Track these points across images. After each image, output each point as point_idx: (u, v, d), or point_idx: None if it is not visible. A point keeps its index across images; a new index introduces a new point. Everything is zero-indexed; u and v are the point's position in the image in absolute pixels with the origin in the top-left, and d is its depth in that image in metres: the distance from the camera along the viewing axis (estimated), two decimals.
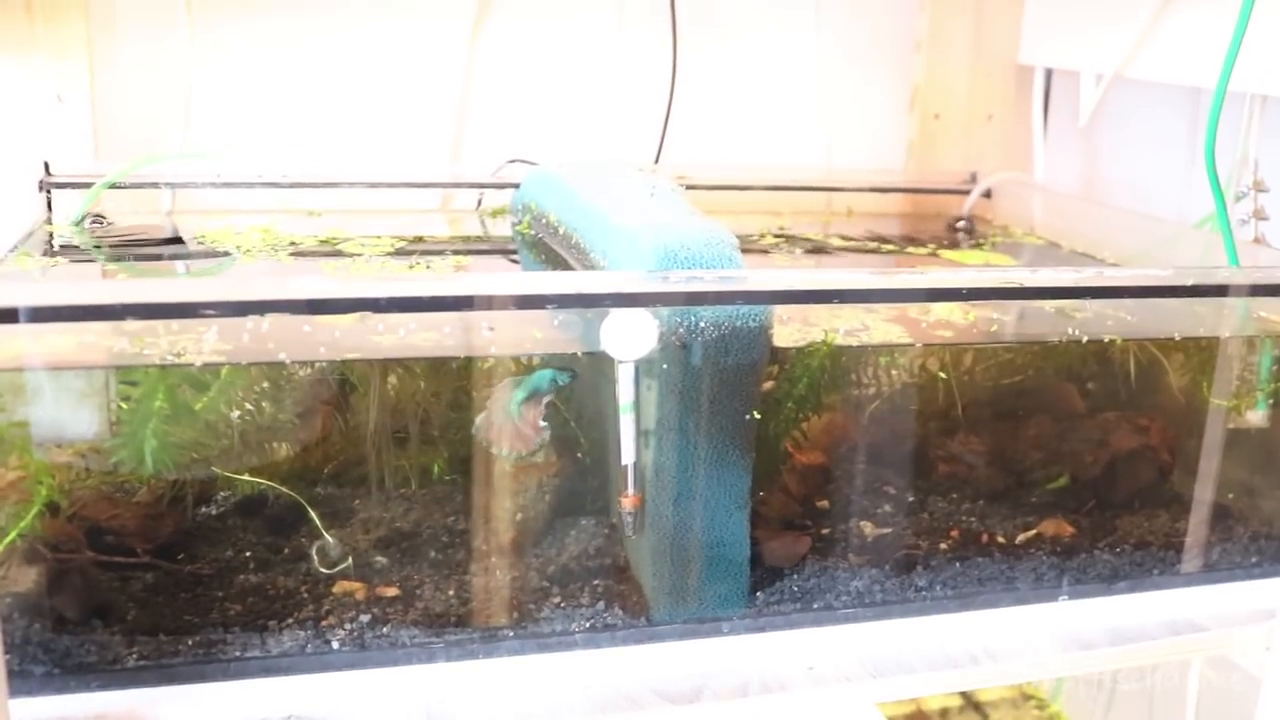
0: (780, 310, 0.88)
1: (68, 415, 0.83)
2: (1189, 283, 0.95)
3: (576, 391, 0.91)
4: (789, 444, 0.95)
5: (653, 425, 0.85)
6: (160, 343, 0.79)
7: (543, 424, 0.88)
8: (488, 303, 0.80)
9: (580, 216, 1.03)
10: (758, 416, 0.87)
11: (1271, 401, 1.01)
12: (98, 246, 1.11)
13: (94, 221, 1.17)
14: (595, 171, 1.13)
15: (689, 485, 0.87)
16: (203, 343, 0.80)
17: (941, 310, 0.96)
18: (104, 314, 0.74)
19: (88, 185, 1.15)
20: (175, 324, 0.79)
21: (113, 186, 1.16)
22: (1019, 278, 0.90)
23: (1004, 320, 0.97)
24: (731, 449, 0.87)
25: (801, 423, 0.95)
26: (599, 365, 0.88)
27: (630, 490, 0.86)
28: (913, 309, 0.96)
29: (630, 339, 0.83)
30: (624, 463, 0.86)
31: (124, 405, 0.84)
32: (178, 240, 1.14)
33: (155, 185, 1.20)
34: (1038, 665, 0.94)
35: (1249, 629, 0.99)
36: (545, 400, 0.87)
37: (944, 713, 1.45)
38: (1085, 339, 0.96)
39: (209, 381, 0.85)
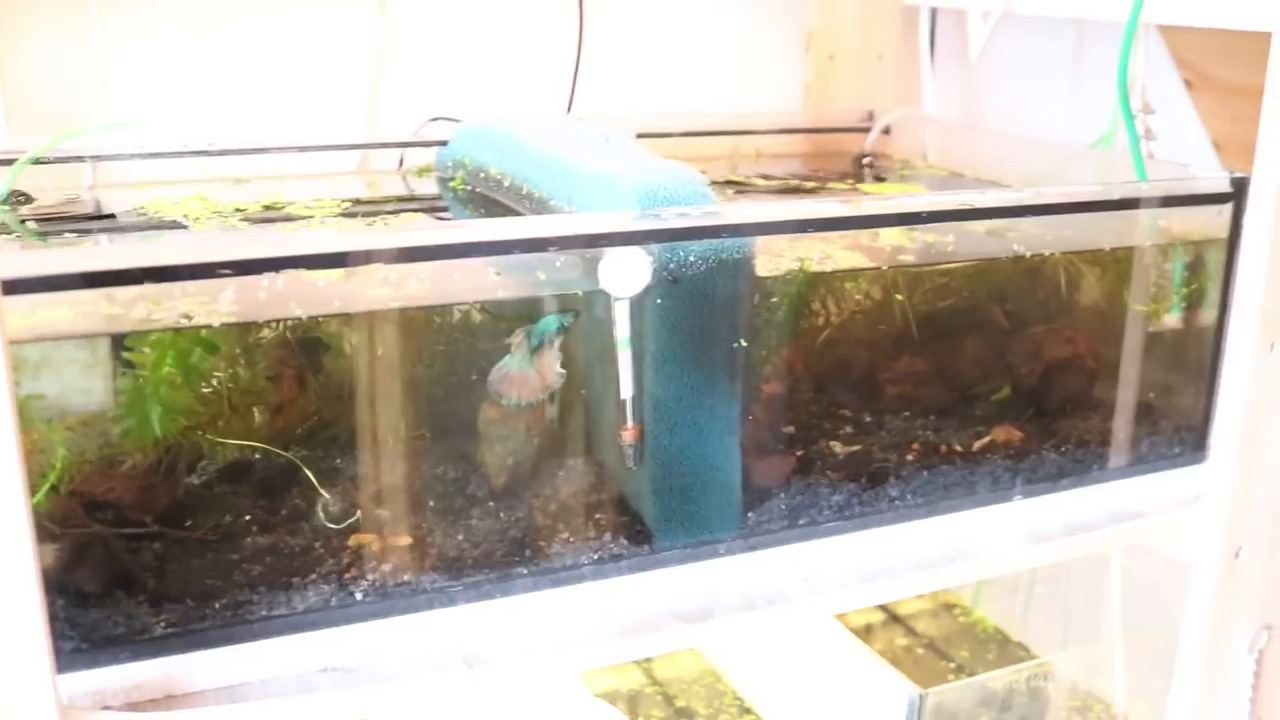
0: None
1: (71, 387, 0.82)
2: (1116, 196, 1.03)
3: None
4: (771, 370, 1.00)
5: (649, 358, 0.89)
6: (162, 308, 0.79)
7: (559, 369, 0.90)
8: (506, 247, 0.82)
9: (534, 167, 1.05)
10: (744, 344, 0.91)
11: (1185, 305, 1.10)
12: (24, 223, 1.08)
13: (16, 200, 1.14)
14: (541, 124, 1.15)
15: (684, 414, 0.91)
16: (213, 304, 0.80)
17: (891, 236, 1.01)
18: (121, 279, 0.74)
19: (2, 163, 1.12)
20: (181, 287, 0.79)
21: (35, 162, 1.13)
22: (971, 199, 0.97)
23: (945, 243, 1.03)
24: (722, 377, 0.91)
25: (782, 349, 0.99)
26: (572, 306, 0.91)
27: (630, 423, 0.90)
28: (864, 237, 1.02)
29: (627, 276, 0.86)
30: (623, 396, 0.89)
31: (129, 373, 0.83)
32: (110, 216, 1.12)
33: (80, 159, 1.16)
34: (1004, 560, 1.02)
35: (1181, 512, 1.09)
36: (556, 344, 0.89)
37: (868, 628, 1.52)
38: (1028, 254, 1.03)
39: (217, 344, 0.85)
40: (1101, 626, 1.38)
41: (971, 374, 1.11)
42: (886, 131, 1.45)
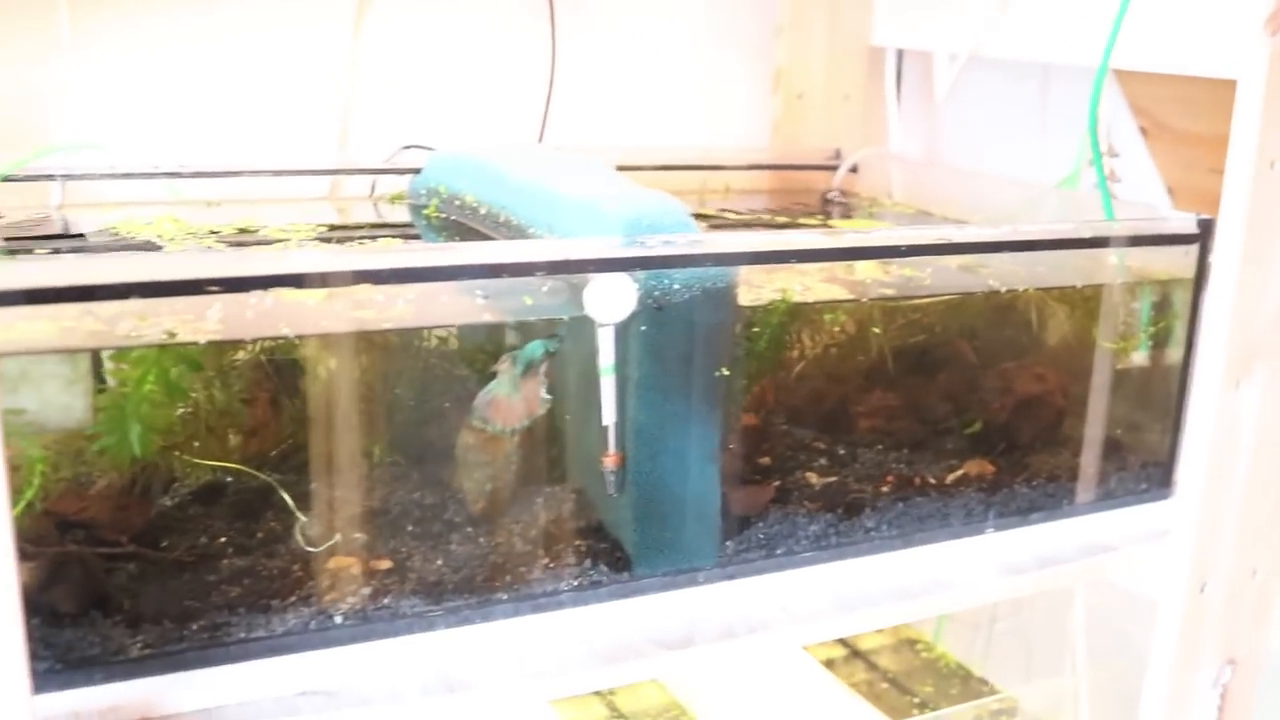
0: None
1: (50, 403, 0.81)
2: (1089, 234, 1.05)
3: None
4: (749, 400, 1.00)
5: (630, 385, 0.89)
6: (147, 324, 0.78)
7: (545, 395, 0.90)
8: (493, 271, 0.82)
9: (512, 194, 1.05)
10: (727, 373, 0.91)
11: (1152, 343, 1.12)
12: None
13: None
14: (518, 152, 1.15)
15: (666, 442, 0.91)
16: (197, 323, 0.79)
17: (867, 270, 1.03)
18: (108, 293, 0.74)
19: None
20: (168, 304, 0.78)
21: (6, 179, 1.12)
22: (948, 234, 0.98)
23: (920, 278, 1.04)
24: (703, 405, 0.92)
25: (762, 378, 1.00)
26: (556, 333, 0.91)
27: (612, 449, 0.90)
28: (840, 270, 1.03)
29: (612, 302, 0.87)
30: (605, 423, 0.89)
31: (109, 390, 0.82)
32: (79, 235, 1.11)
33: (49, 178, 1.15)
34: (977, 591, 1.03)
35: (1148, 546, 1.10)
36: (541, 370, 0.89)
37: (830, 663, 1.52)
38: (1001, 290, 1.05)
39: (200, 363, 0.84)
40: (1064, 662, 1.39)
41: (944, 408, 1.13)
42: (854, 170, 1.47)
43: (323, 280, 0.79)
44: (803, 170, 1.49)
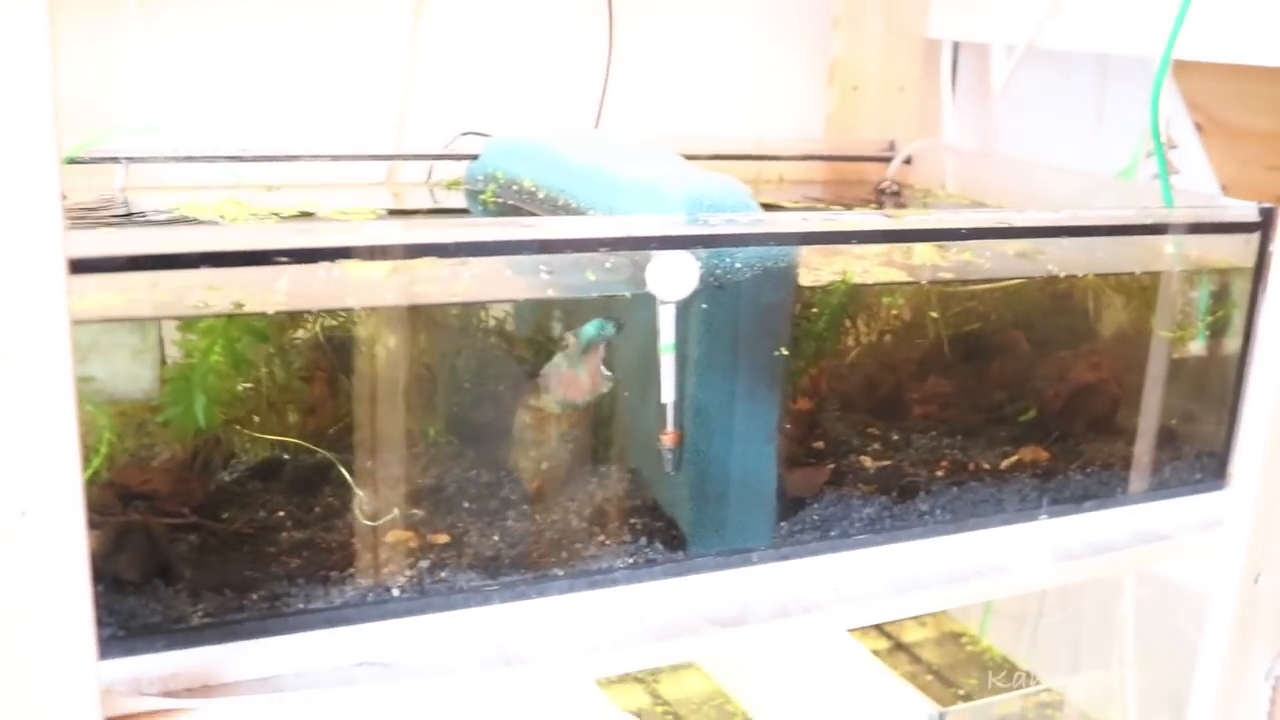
0: None
1: (118, 372, 0.82)
2: (1150, 220, 1.04)
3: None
4: (805, 381, 1.01)
5: (690, 364, 0.90)
6: (217, 294, 0.79)
7: (605, 371, 0.91)
8: (557, 246, 0.83)
9: (572, 178, 1.06)
10: (785, 353, 0.92)
11: (1209, 332, 1.12)
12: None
13: None
14: (576, 137, 1.16)
15: (724, 421, 0.91)
16: (264, 296, 0.80)
17: (926, 254, 1.03)
18: (181, 262, 0.75)
19: None
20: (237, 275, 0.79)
21: (71, 161, 1.14)
22: (1008, 218, 0.98)
23: (978, 263, 1.04)
24: (761, 385, 0.92)
25: (820, 360, 1.00)
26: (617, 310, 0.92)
27: (670, 428, 0.90)
28: (898, 254, 1.03)
29: (674, 280, 0.87)
30: (664, 400, 0.90)
31: (178, 361, 0.83)
32: (141, 216, 1.12)
33: (114, 160, 1.17)
34: (1030, 577, 1.02)
35: (1202, 536, 1.09)
36: (602, 348, 0.90)
37: (872, 655, 1.52)
38: (1060, 276, 1.05)
39: (267, 334, 0.85)
40: (1111, 655, 1.38)
41: (999, 394, 1.13)
42: (908, 161, 1.47)
43: (388, 253, 0.80)
44: (857, 161, 1.49)
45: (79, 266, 0.69)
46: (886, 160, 1.48)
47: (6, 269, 0.61)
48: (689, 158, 1.10)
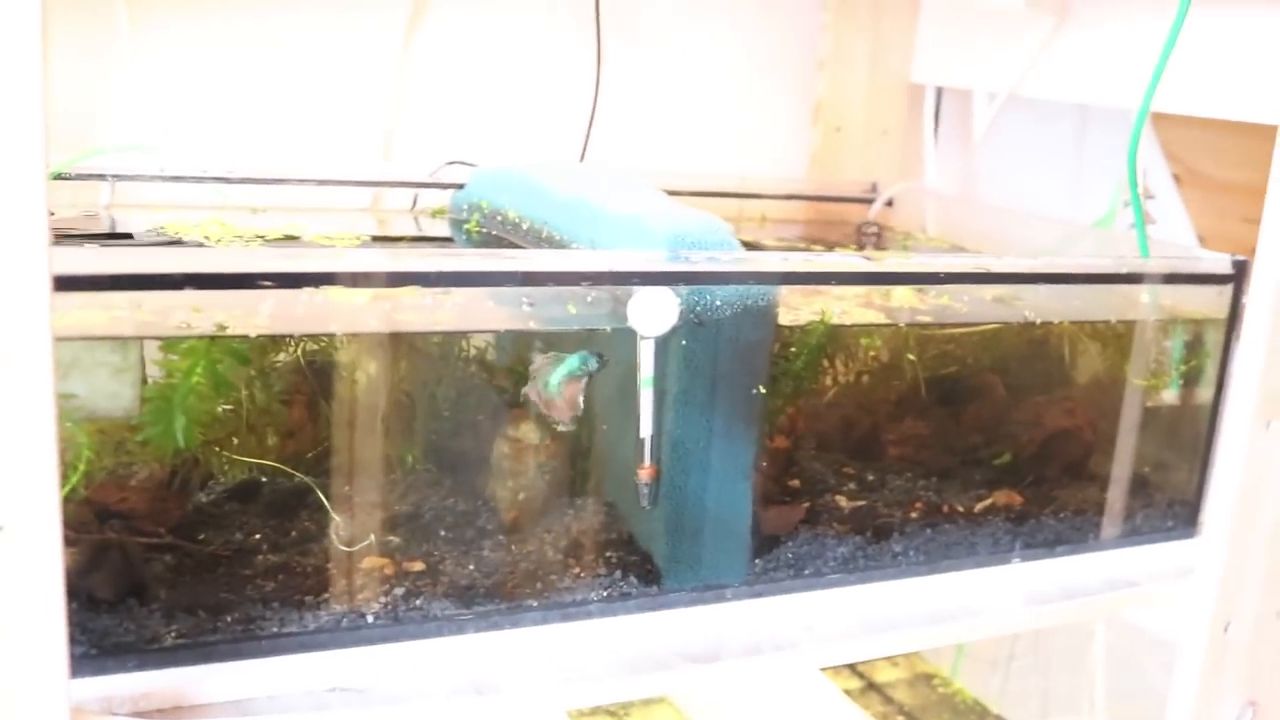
0: None
1: (98, 390, 0.82)
2: (1125, 270, 1.05)
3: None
4: (783, 420, 1.01)
5: (669, 399, 0.90)
6: (200, 316, 0.80)
7: (580, 403, 0.91)
8: (540, 279, 0.84)
9: (556, 210, 1.06)
10: (763, 391, 0.92)
11: (1183, 381, 1.13)
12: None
13: None
14: (561, 169, 1.16)
15: (701, 456, 0.92)
16: (246, 319, 0.81)
17: (904, 297, 1.03)
18: (165, 283, 0.75)
19: None
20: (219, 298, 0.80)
21: (58, 177, 1.14)
22: (987, 264, 0.99)
23: (955, 308, 1.05)
24: (739, 422, 0.92)
25: (797, 399, 1.01)
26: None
27: (648, 462, 0.91)
28: (877, 296, 1.04)
29: (655, 315, 0.88)
30: (642, 435, 0.90)
31: (159, 381, 0.83)
32: (127, 235, 1.13)
33: (101, 177, 1.17)
34: (1002, 620, 1.03)
35: (1173, 583, 1.10)
36: (582, 381, 0.90)
37: (844, 695, 1.52)
38: (1036, 321, 1.06)
39: (248, 356, 0.85)
40: (1081, 700, 1.39)
41: (974, 437, 1.13)
42: (889, 204, 1.48)
43: (372, 280, 0.80)
44: (839, 202, 1.50)
45: (63, 284, 0.69)
46: (868, 202, 1.49)
47: None
48: (672, 193, 1.12)
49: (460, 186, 1.27)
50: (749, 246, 1.29)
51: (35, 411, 0.64)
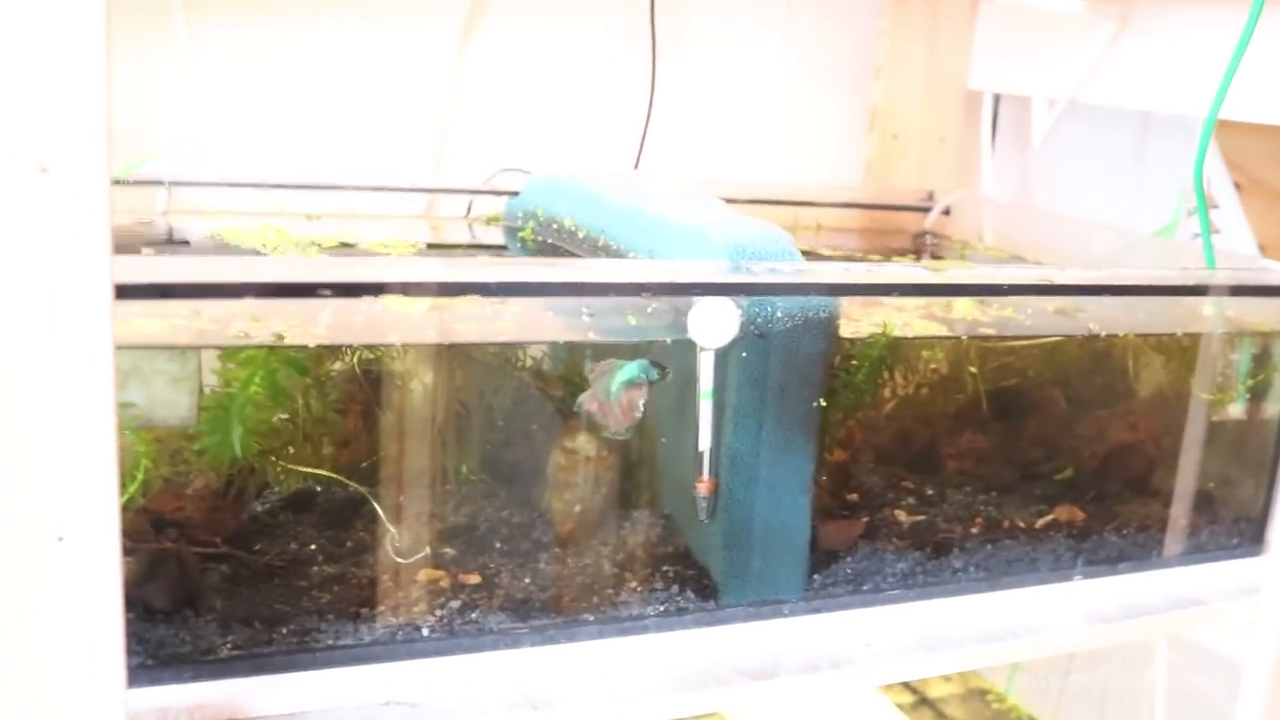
0: None
1: (157, 399, 0.82)
2: (1192, 282, 1.03)
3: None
4: (842, 433, 1.00)
5: (728, 412, 0.89)
6: (260, 325, 0.79)
7: (638, 413, 0.89)
8: (601, 289, 0.83)
9: (613, 219, 1.05)
10: (823, 404, 0.91)
11: (1249, 395, 1.11)
12: None
13: None
14: (619, 178, 1.16)
15: (761, 470, 0.91)
16: (303, 329, 0.80)
17: (965, 309, 1.02)
18: (224, 292, 0.75)
19: None
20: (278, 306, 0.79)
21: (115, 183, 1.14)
22: (1050, 275, 0.98)
23: (1018, 320, 1.04)
24: (798, 435, 0.91)
25: (858, 412, 1.00)
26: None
27: (706, 475, 0.89)
28: (938, 308, 1.02)
29: (716, 327, 0.87)
30: (701, 448, 0.89)
31: (216, 390, 0.83)
32: (184, 241, 1.13)
33: (158, 183, 1.17)
34: (1063, 638, 1.01)
35: (1237, 602, 1.08)
36: (643, 389, 0.89)
37: (898, 709, 1.50)
38: (1099, 334, 1.04)
39: (307, 366, 0.85)
40: None
41: (1035, 451, 1.12)
42: (946, 212, 1.47)
43: (431, 290, 0.79)
44: (895, 210, 1.49)
45: (124, 292, 0.69)
46: (925, 210, 1.47)
47: (53, 292, 0.61)
48: (728, 202, 1.11)
49: (515, 194, 1.27)
50: (806, 256, 1.29)
51: (95, 421, 0.64)
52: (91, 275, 0.62)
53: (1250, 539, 1.12)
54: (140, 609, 0.80)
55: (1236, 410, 1.11)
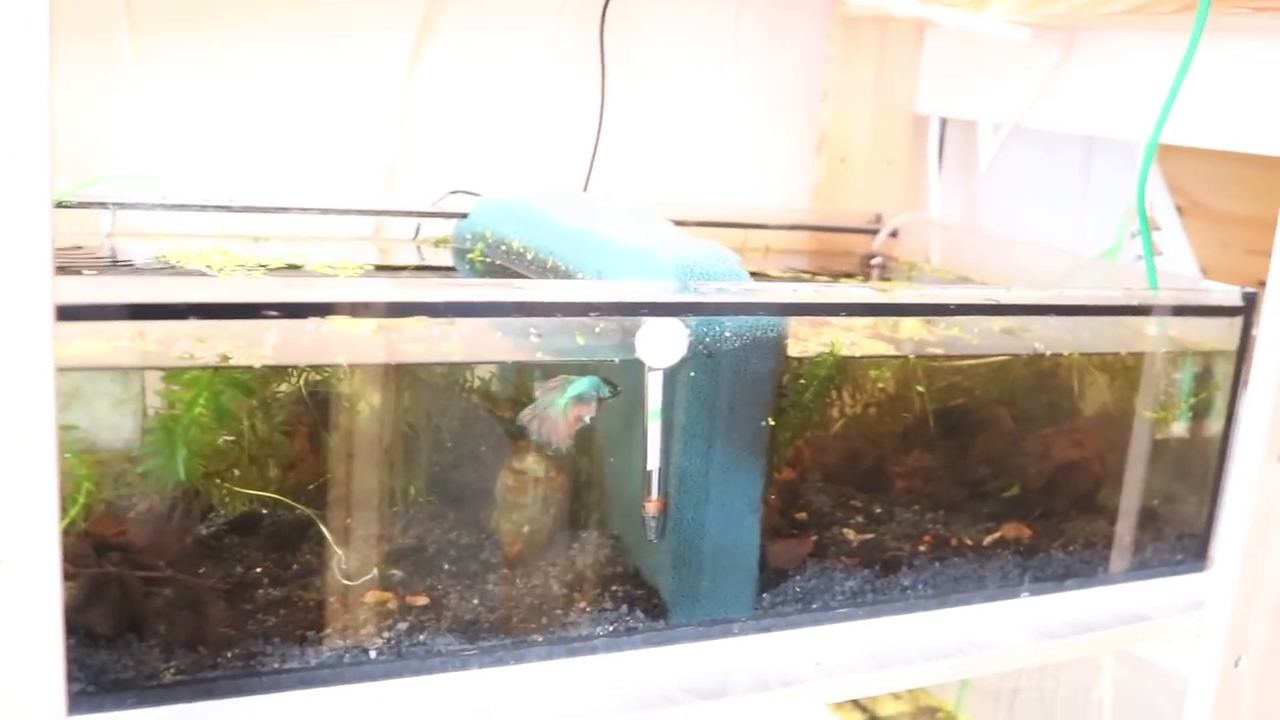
0: None
1: (99, 421, 0.81)
2: (1135, 302, 1.05)
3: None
4: (791, 452, 1.00)
5: (677, 431, 0.89)
6: (204, 346, 0.79)
7: (581, 425, 0.89)
8: (548, 309, 0.83)
9: (561, 240, 1.06)
10: (772, 423, 0.91)
11: (1192, 413, 1.12)
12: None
13: None
14: (566, 199, 1.16)
15: (708, 489, 0.91)
16: (248, 350, 0.80)
17: (911, 329, 1.03)
18: (168, 313, 0.74)
19: None
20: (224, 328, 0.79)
21: (59, 205, 1.13)
22: (996, 295, 0.99)
23: (964, 339, 1.05)
24: (747, 454, 0.91)
25: (806, 431, 1.00)
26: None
27: (654, 495, 0.90)
28: (885, 328, 1.03)
29: (663, 347, 0.87)
30: (649, 468, 0.89)
31: (160, 411, 0.82)
32: (128, 263, 1.12)
33: (103, 205, 1.16)
34: (1012, 655, 1.02)
35: (1182, 618, 1.09)
36: (590, 405, 0.89)
37: None
38: (1045, 353, 1.05)
39: (253, 387, 0.84)
40: None
41: (982, 470, 1.13)
42: (894, 234, 1.48)
43: (379, 311, 0.79)
44: (843, 233, 1.50)
45: (66, 313, 0.68)
46: (873, 232, 1.48)
47: None
48: (677, 223, 1.12)
49: (464, 216, 1.27)
50: (755, 277, 1.29)
51: (36, 444, 0.63)
52: (32, 296, 0.62)
53: (1194, 555, 1.13)
54: (82, 634, 0.78)
55: (1179, 428, 1.13)
